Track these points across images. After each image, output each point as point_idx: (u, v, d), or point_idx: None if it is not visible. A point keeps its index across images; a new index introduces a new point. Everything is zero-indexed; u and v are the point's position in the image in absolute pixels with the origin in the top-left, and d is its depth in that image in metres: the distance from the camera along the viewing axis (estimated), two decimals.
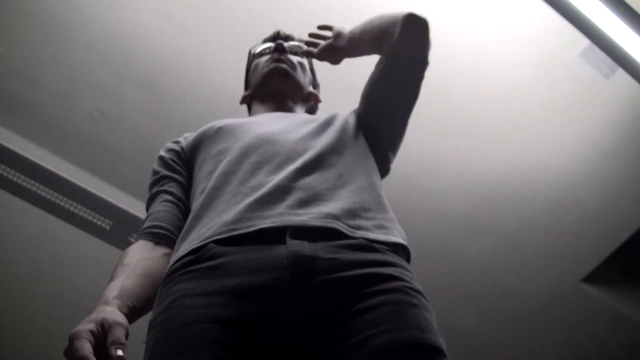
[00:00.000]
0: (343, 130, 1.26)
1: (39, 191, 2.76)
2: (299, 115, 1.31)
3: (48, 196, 2.77)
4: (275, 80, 1.42)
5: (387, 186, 3.58)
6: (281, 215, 0.94)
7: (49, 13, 2.56)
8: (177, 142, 1.30)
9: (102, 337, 0.83)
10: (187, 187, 1.22)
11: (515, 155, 3.00)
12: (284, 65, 1.43)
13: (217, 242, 0.94)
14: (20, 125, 2.85)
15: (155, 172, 1.26)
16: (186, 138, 1.31)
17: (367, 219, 1.00)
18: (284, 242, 0.89)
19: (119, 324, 0.85)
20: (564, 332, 3.72)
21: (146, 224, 1.16)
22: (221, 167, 1.11)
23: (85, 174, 2.89)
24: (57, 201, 2.79)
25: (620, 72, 2.62)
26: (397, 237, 1.01)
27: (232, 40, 2.62)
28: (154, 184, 1.25)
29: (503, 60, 2.71)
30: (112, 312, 0.88)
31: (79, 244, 2.91)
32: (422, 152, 2.99)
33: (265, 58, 1.47)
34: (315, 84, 1.59)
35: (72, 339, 0.81)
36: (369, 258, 0.91)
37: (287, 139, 1.14)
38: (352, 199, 1.02)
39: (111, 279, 1.00)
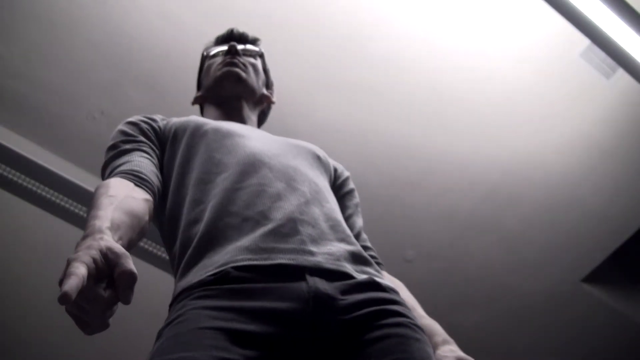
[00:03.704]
0: (326, 173, 1.30)
1: (39, 191, 2.76)
2: (280, 138, 1.32)
3: (49, 196, 2.77)
4: (228, 84, 1.41)
5: (388, 185, 3.59)
6: (296, 251, 0.97)
7: (49, 13, 2.56)
8: (153, 120, 1.27)
9: (104, 267, 0.76)
10: (161, 164, 1.20)
11: (516, 154, 3.00)
12: (237, 69, 1.42)
13: (235, 268, 0.94)
14: (20, 125, 2.85)
15: (127, 134, 1.19)
16: (162, 119, 1.29)
17: (366, 264, 1.06)
18: (303, 278, 0.93)
19: (128, 256, 0.78)
20: (564, 332, 3.72)
21: (125, 167, 1.09)
22: (220, 182, 1.09)
23: (86, 173, 2.89)
24: (58, 201, 2.79)
25: (621, 72, 2.63)
26: (390, 284, 1.07)
27: None
28: (126, 142, 1.17)
29: (503, 60, 2.71)
30: (115, 243, 0.80)
31: None
32: (422, 151, 3.00)
33: (218, 60, 1.46)
34: (268, 84, 1.57)
35: (70, 261, 0.73)
36: (378, 296, 0.97)
37: (282, 163, 1.15)
38: (351, 242, 1.08)
39: (96, 206, 0.91)
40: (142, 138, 1.20)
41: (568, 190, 3.13)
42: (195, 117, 1.28)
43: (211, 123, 1.24)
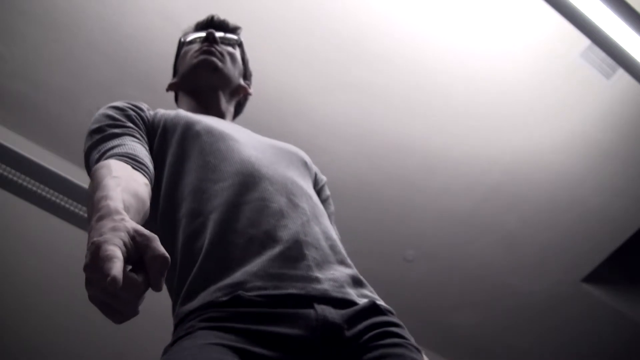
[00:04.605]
0: (311, 180, 1.28)
1: (39, 191, 2.76)
2: (267, 140, 1.28)
3: (49, 196, 2.77)
4: (203, 73, 1.37)
5: (388, 186, 3.58)
6: (304, 279, 0.97)
7: (50, 12, 2.56)
8: (140, 109, 1.19)
9: (133, 250, 0.70)
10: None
11: (516, 154, 3.00)
12: (213, 58, 1.37)
13: (245, 294, 0.94)
14: (21, 125, 2.86)
15: (113, 118, 1.12)
16: (149, 109, 1.22)
17: (363, 286, 1.06)
18: (311, 306, 0.94)
19: (157, 239, 0.72)
20: (564, 332, 3.73)
21: (118, 150, 1.02)
22: (219, 193, 1.06)
23: (86, 173, 2.89)
24: (58, 201, 2.79)
25: (621, 72, 2.63)
26: (387, 305, 1.09)
27: None
28: (114, 126, 1.10)
29: (503, 60, 2.72)
30: (140, 226, 0.74)
31: (80, 244, 2.91)
32: (423, 151, 3.00)
33: (195, 47, 1.42)
34: (246, 75, 1.51)
35: (100, 244, 0.67)
36: (379, 320, 0.98)
37: (279, 174, 1.13)
38: (348, 263, 1.08)
39: (102, 187, 0.84)
40: (130, 124, 1.13)
41: (568, 190, 3.13)
42: (183, 113, 1.23)
43: (202, 122, 1.19)
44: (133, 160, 1.00)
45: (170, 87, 1.46)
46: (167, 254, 0.70)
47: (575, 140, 2.96)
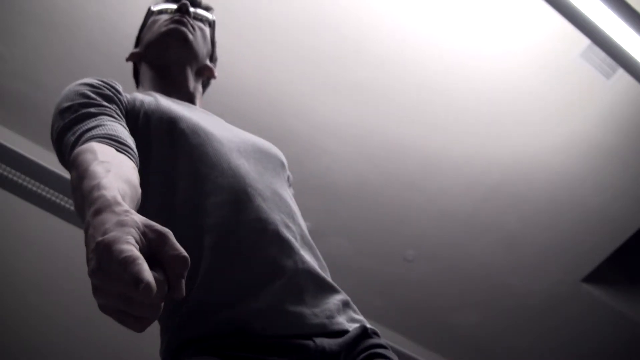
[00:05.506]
0: (287, 184, 1.25)
1: (39, 190, 2.76)
2: (246, 136, 1.21)
3: (49, 196, 2.78)
4: (172, 43, 1.28)
5: (388, 186, 3.57)
6: (303, 317, 0.99)
7: (50, 12, 2.56)
8: (116, 90, 1.08)
9: (145, 249, 0.61)
10: None
11: (516, 154, 3.00)
12: (184, 29, 1.29)
13: (246, 329, 0.95)
14: (21, 125, 2.86)
15: (86, 96, 1.01)
16: (124, 91, 1.12)
17: (350, 307, 1.09)
18: (309, 338, 0.97)
19: (172, 234, 0.63)
20: (564, 332, 3.73)
21: (97, 131, 0.92)
22: (212, 210, 1.01)
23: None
24: (58, 201, 2.79)
25: (621, 72, 2.63)
26: (372, 327, 1.11)
27: (232, 39, 2.63)
28: (88, 105, 0.99)
29: (503, 60, 2.72)
30: (150, 220, 0.65)
31: (81, 243, 2.91)
32: (423, 151, 3.00)
33: (164, 17, 1.33)
34: (213, 58, 1.43)
35: (109, 244, 0.58)
36: (368, 343, 1.02)
37: (268, 188, 1.09)
38: (336, 288, 1.09)
39: (91, 174, 0.75)
40: (105, 103, 1.02)
41: (568, 190, 3.13)
42: (163, 102, 1.13)
43: (185, 119, 1.11)
44: (116, 142, 0.90)
45: (132, 57, 1.36)
46: (186, 254, 0.62)
47: (575, 141, 2.96)
